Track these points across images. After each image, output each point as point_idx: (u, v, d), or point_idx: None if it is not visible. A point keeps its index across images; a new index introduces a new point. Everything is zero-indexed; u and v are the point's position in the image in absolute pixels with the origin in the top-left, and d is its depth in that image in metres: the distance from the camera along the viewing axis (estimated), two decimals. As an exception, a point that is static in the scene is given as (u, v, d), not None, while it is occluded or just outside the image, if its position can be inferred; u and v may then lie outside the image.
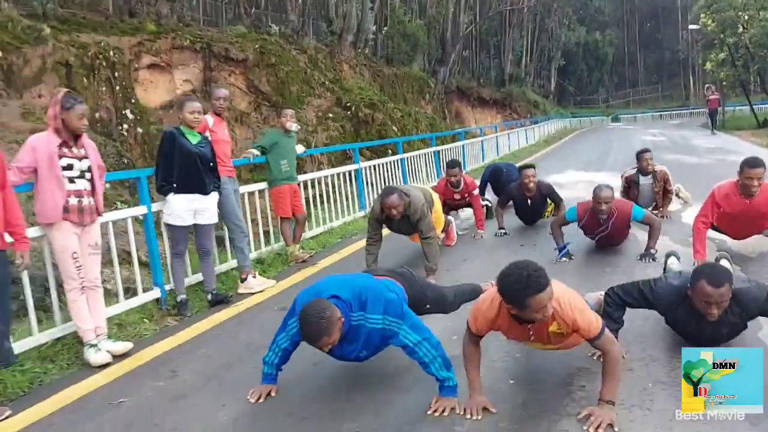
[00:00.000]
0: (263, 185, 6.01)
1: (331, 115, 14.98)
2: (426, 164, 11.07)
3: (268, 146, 5.76)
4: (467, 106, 34.91)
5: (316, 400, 2.98)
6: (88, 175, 3.71)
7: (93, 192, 3.74)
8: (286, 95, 13.70)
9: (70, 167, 3.60)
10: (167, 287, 4.66)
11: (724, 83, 30.19)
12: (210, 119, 5.02)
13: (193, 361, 3.61)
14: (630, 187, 6.55)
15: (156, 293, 4.60)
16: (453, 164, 6.62)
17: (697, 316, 2.77)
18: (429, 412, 2.72)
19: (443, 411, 2.71)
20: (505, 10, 34.98)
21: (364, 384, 3.08)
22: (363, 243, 6.48)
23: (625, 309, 3.09)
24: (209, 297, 4.74)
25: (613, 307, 3.07)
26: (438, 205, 5.61)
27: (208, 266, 4.79)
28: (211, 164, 4.69)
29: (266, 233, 6.14)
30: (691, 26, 35.84)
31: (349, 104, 14.63)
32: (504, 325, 2.69)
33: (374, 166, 8.75)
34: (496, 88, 37.64)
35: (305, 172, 7.76)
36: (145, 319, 4.30)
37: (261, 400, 2.96)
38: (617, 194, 5.81)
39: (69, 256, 3.55)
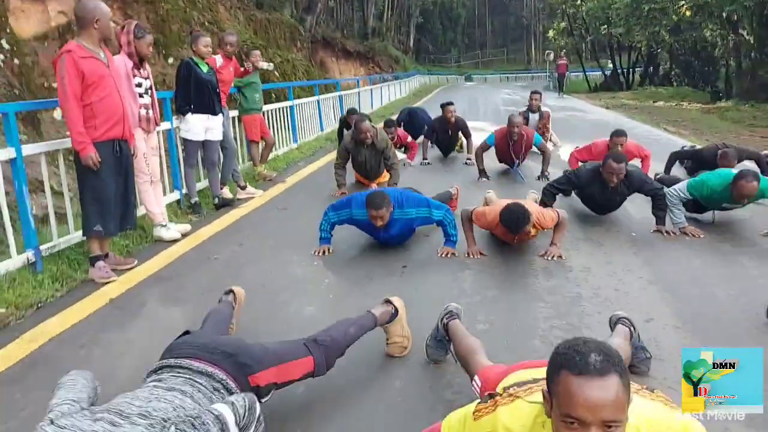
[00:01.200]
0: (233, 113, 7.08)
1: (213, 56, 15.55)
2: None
3: (246, 83, 6.86)
4: (332, 57, 36.07)
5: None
6: (149, 92, 4.72)
7: (153, 106, 4.77)
8: (167, 33, 13.99)
9: (139, 85, 4.59)
10: (184, 191, 5.76)
11: (564, 51, 34.34)
12: (219, 60, 6.07)
13: (248, 237, 4.89)
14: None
15: (176, 195, 5.68)
16: (389, 124, 8.06)
17: (602, 186, 4.68)
18: (439, 254, 4.32)
19: (447, 254, 4.32)
20: (371, -36, 36.35)
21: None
22: (309, 167, 7.96)
23: (556, 197, 4.94)
24: (216, 201, 5.90)
25: (549, 197, 4.90)
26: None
27: (214, 176, 5.93)
28: (217, 90, 5.79)
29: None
30: (537, -5, 39.89)
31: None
32: (498, 231, 4.35)
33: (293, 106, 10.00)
34: (359, 41, 39.10)
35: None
36: (172, 215, 5.39)
37: (326, 254, 4.37)
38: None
39: (141, 155, 4.60)
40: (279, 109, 8.88)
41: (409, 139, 8.16)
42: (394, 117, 9.54)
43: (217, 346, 2.12)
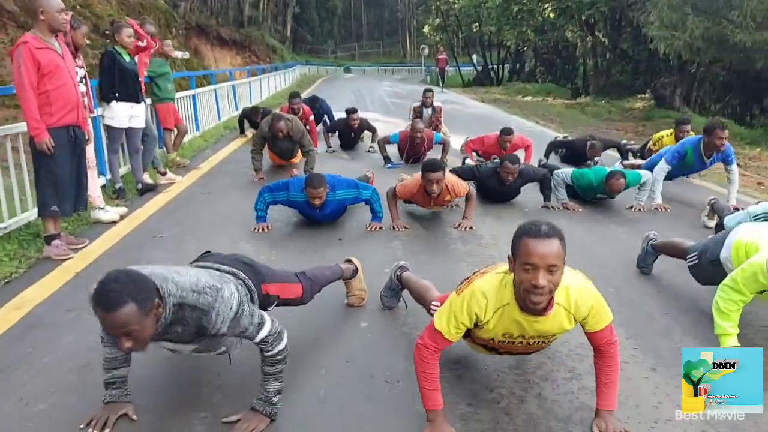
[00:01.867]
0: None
1: (89, 41, 15.11)
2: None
3: (159, 73, 7.08)
4: (206, 45, 35.35)
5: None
6: (83, 81, 4.95)
7: (87, 94, 5.00)
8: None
9: (76, 74, 4.82)
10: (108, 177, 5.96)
11: (440, 46, 36.14)
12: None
13: (184, 217, 5.26)
14: (416, 115, 9.40)
15: (102, 181, 5.87)
16: (294, 95, 8.58)
17: (500, 182, 5.59)
18: (368, 229, 4.98)
19: (375, 228, 5.00)
20: (246, -51, 36.00)
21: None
22: (218, 154, 8.33)
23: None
24: (139, 186, 6.15)
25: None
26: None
27: (137, 162, 6.17)
28: (139, 79, 6.04)
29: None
30: (412, -9, 41.52)
31: (108, 32, 14.93)
32: (418, 197, 5.08)
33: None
34: (235, 29, 38.57)
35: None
36: (99, 201, 5.60)
37: (264, 231, 4.87)
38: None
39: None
40: (182, 98, 9.06)
41: (312, 117, 8.73)
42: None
43: (238, 259, 2.66)
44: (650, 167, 6.13)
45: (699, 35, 13.50)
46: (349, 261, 3.53)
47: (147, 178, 6.39)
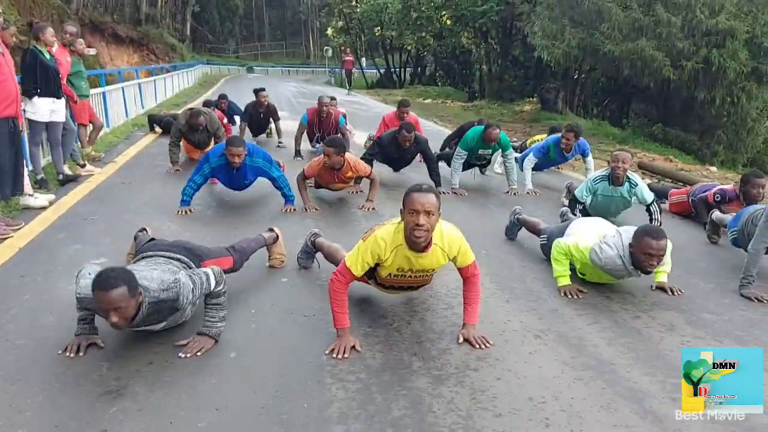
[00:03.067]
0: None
1: None
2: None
3: (73, 71, 7.42)
4: (101, 42, 34.33)
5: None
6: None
7: (14, 87, 5.39)
8: None
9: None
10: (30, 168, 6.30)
11: (347, 48, 36.96)
12: (54, 48, 6.63)
13: (110, 203, 5.74)
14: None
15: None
16: (208, 104, 9.12)
17: (398, 147, 6.48)
18: (282, 210, 5.69)
19: (290, 210, 5.72)
20: (143, -55, 35.32)
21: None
22: (131, 149, 8.75)
23: (372, 163, 6.61)
24: (60, 177, 6.52)
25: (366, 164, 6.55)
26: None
27: (58, 154, 6.53)
28: (59, 75, 6.43)
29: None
30: (315, -7, 42.14)
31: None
32: (323, 175, 5.83)
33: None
34: (131, 26, 37.65)
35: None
36: (22, 191, 5.96)
37: (186, 214, 5.46)
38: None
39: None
40: (94, 95, 9.32)
41: (225, 120, 9.29)
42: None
43: (178, 244, 3.34)
44: (523, 158, 7.31)
45: (575, 45, 15.15)
46: (271, 230, 4.25)
47: (67, 169, 6.75)
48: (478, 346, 3.09)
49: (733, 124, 15.31)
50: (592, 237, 3.92)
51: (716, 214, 5.29)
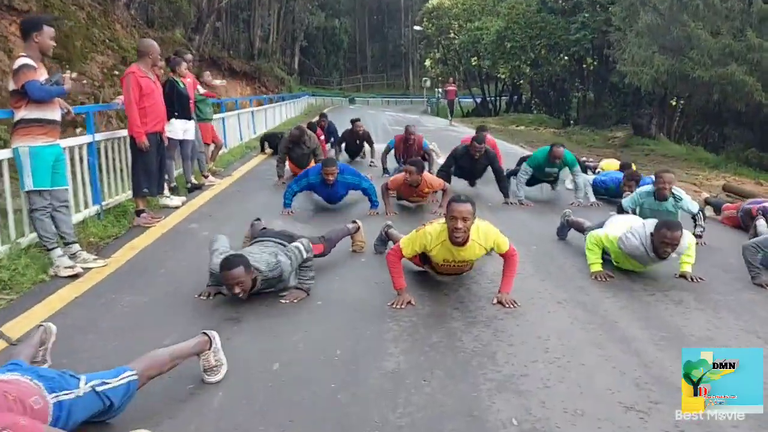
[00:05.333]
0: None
1: (116, 72, 17.03)
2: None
3: (200, 99, 8.90)
4: (218, 75, 37.66)
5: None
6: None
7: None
8: (71, 49, 15.38)
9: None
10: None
11: (440, 78, 38.14)
12: (189, 79, 8.12)
13: (228, 206, 7.00)
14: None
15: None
16: (311, 126, 10.44)
17: (471, 158, 7.38)
18: (368, 213, 6.70)
19: (373, 213, 6.71)
20: (257, -13, 38.55)
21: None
22: (245, 166, 10.08)
23: (450, 176, 7.52)
24: (188, 185, 7.91)
25: (444, 177, 7.44)
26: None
27: (188, 166, 7.96)
28: (191, 101, 7.86)
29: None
30: (415, 27, 43.87)
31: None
32: (403, 189, 6.83)
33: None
34: (245, 61, 40.87)
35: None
36: (161, 195, 7.35)
37: (289, 215, 6.59)
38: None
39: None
40: (216, 120, 10.89)
41: (322, 137, 10.58)
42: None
43: (283, 232, 4.42)
44: (600, 181, 8.05)
45: (664, 71, 15.39)
46: (354, 222, 5.28)
47: (194, 179, 8.16)
48: (507, 306, 3.92)
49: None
50: (623, 228, 4.63)
51: (761, 221, 5.75)
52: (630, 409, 2.66)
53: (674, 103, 22.18)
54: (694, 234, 5.50)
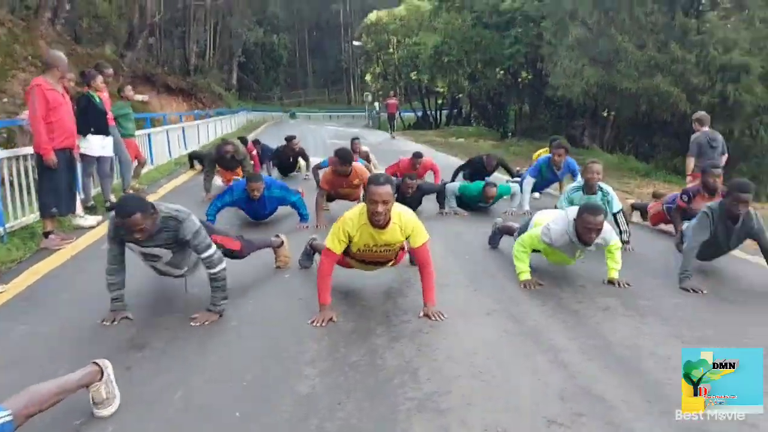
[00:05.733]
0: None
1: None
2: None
3: (122, 114, 8.50)
4: (153, 92, 36.66)
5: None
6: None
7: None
8: None
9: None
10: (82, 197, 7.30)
11: (381, 93, 38.32)
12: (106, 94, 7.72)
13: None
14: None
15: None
16: (243, 141, 10.16)
17: (402, 195, 7.22)
18: (297, 228, 6.48)
19: (304, 227, 6.50)
20: (192, 3, 37.93)
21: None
22: (172, 182, 9.70)
23: None
24: (107, 204, 7.49)
25: None
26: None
27: (107, 184, 7.54)
28: (108, 116, 7.47)
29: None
30: (354, 42, 44.02)
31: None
32: (336, 182, 6.65)
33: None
34: (181, 77, 40.02)
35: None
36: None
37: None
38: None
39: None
40: (140, 136, 10.47)
41: (254, 152, 10.34)
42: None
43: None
44: (531, 175, 7.94)
45: (593, 83, 15.80)
46: (276, 236, 5.05)
47: (113, 198, 7.74)
48: (434, 318, 3.77)
49: (755, 157, 15.56)
50: (544, 223, 4.58)
51: (686, 225, 5.83)
52: (552, 422, 2.53)
53: (606, 115, 22.81)
54: (621, 240, 5.53)
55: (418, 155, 9.09)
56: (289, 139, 10.62)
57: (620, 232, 5.75)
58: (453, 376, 2.98)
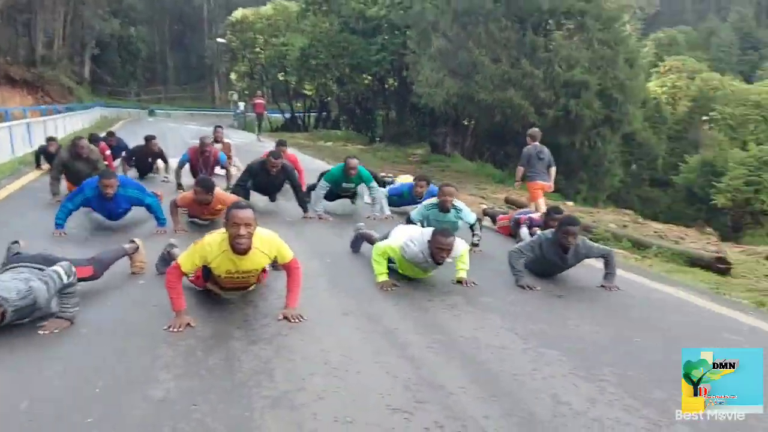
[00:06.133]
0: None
1: None
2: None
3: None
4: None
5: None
6: None
7: None
8: None
9: None
10: None
11: (247, 93, 37.67)
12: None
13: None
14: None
15: None
16: (94, 138, 9.65)
17: (268, 174, 7.32)
18: (155, 232, 6.33)
19: (161, 232, 6.36)
20: (38, -13, 35.15)
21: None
22: (16, 182, 9.12)
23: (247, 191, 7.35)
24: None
25: (240, 192, 7.23)
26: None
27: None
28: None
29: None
30: (218, 39, 42.90)
31: None
32: (193, 207, 6.54)
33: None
34: (25, 68, 36.94)
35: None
36: None
37: (61, 236, 5.99)
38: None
39: None
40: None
41: (108, 152, 9.90)
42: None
43: (41, 255, 3.99)
44: (395, 190, 8.40)
45: (453, 93, 16.72)
46: (132, 241, 4.94)
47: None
48: (293, 321, 3.91)
49: (593, 166, 17.25)
50: (404, 238, 4.90)
51: (524, 229, 6.47)
52: (396, 410, 2.78)
53: (466, 123, 24.13)
54: (472, 243, 6.02)
55: (281, 143, 9.23)
56: (149, 138, 10.26)
57: (473, 235, 6.23)
58: (307, 375, 3.15)
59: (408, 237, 4.84)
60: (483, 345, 3.66)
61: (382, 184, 10.44)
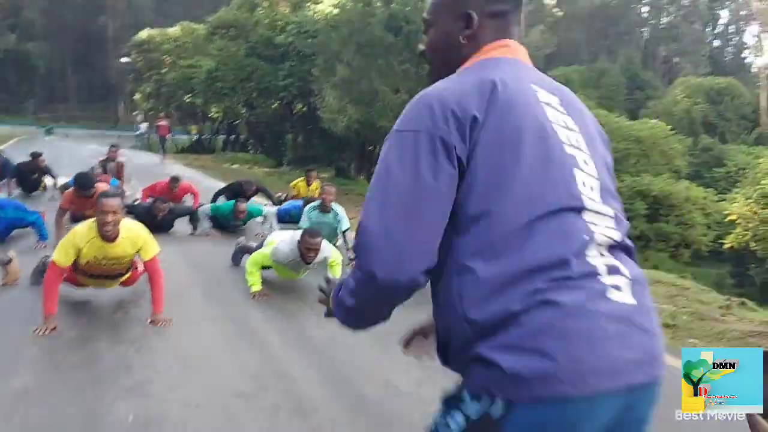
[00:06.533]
0: None
1: None
2: None
3: None
4: None
5: None
6: None
7: None
8: None
9: None
10: None
11: (152, 114, 36.96)
12: None
13: None
14: (102, 167, 10.77)
15: None
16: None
17: (153, 217, 7.43)
18: (35, 247, 6.37)
19: (43, 246, 6.41)
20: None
21: None
22: None
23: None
24: None
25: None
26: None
27: None
28: None
29: None
30: (123, 59, 41.95)
31: None
32: (76, 202, 6.64)
33: None
34: None
35: None
36: None
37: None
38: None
39: None
40: None
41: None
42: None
43: None
44: (284, 210, 8.64)
45: (355, 119, 17.33)
46: (5, 254, 5.04)
47: None
48: (160, 325, 4.18)
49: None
50: (276, 242, 5.26)
51: None
52: (240, 395, 3.14)
53: (371, 149, 24.85)
54: (350, 258, 6.44)
55: (175, 179, 9.33)
56: (35, 155, 10.15)
57: (348, 249, 6.66)
58: (164, 368, 3.45)
59: (279, 240, 5.22)
60: (338, 343, 4.07)
61: (279, 202, 10.76)
